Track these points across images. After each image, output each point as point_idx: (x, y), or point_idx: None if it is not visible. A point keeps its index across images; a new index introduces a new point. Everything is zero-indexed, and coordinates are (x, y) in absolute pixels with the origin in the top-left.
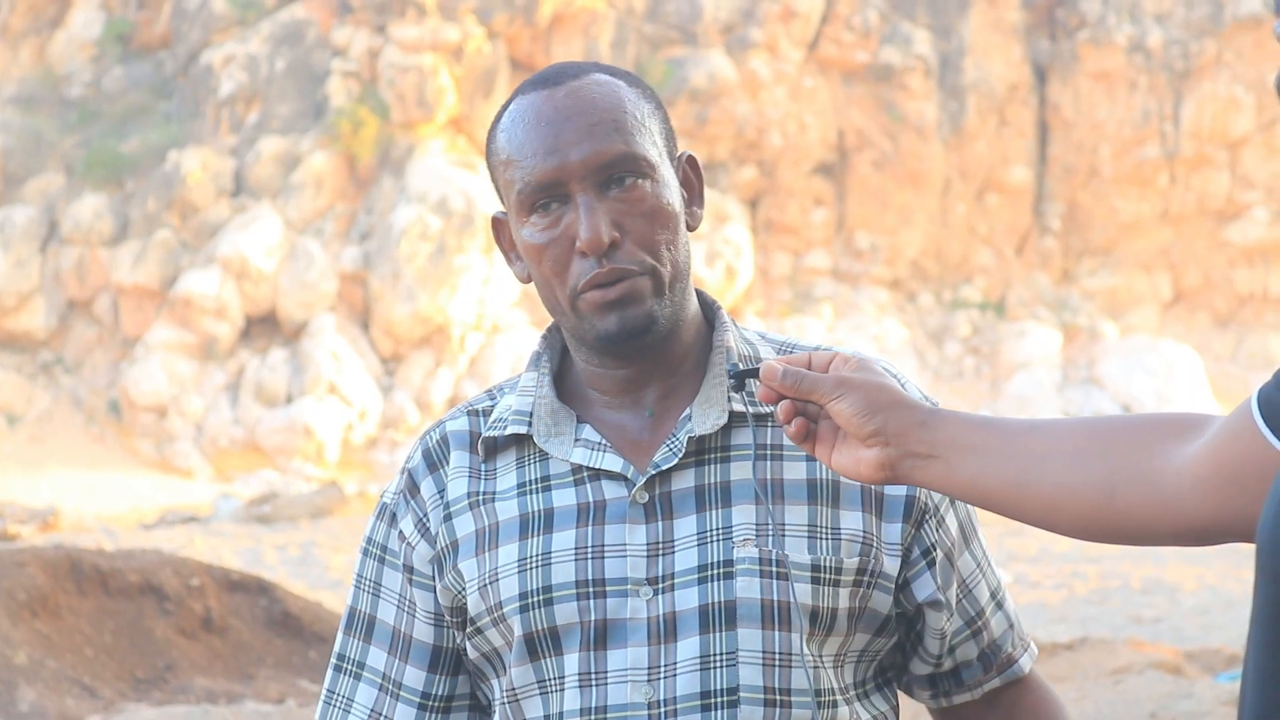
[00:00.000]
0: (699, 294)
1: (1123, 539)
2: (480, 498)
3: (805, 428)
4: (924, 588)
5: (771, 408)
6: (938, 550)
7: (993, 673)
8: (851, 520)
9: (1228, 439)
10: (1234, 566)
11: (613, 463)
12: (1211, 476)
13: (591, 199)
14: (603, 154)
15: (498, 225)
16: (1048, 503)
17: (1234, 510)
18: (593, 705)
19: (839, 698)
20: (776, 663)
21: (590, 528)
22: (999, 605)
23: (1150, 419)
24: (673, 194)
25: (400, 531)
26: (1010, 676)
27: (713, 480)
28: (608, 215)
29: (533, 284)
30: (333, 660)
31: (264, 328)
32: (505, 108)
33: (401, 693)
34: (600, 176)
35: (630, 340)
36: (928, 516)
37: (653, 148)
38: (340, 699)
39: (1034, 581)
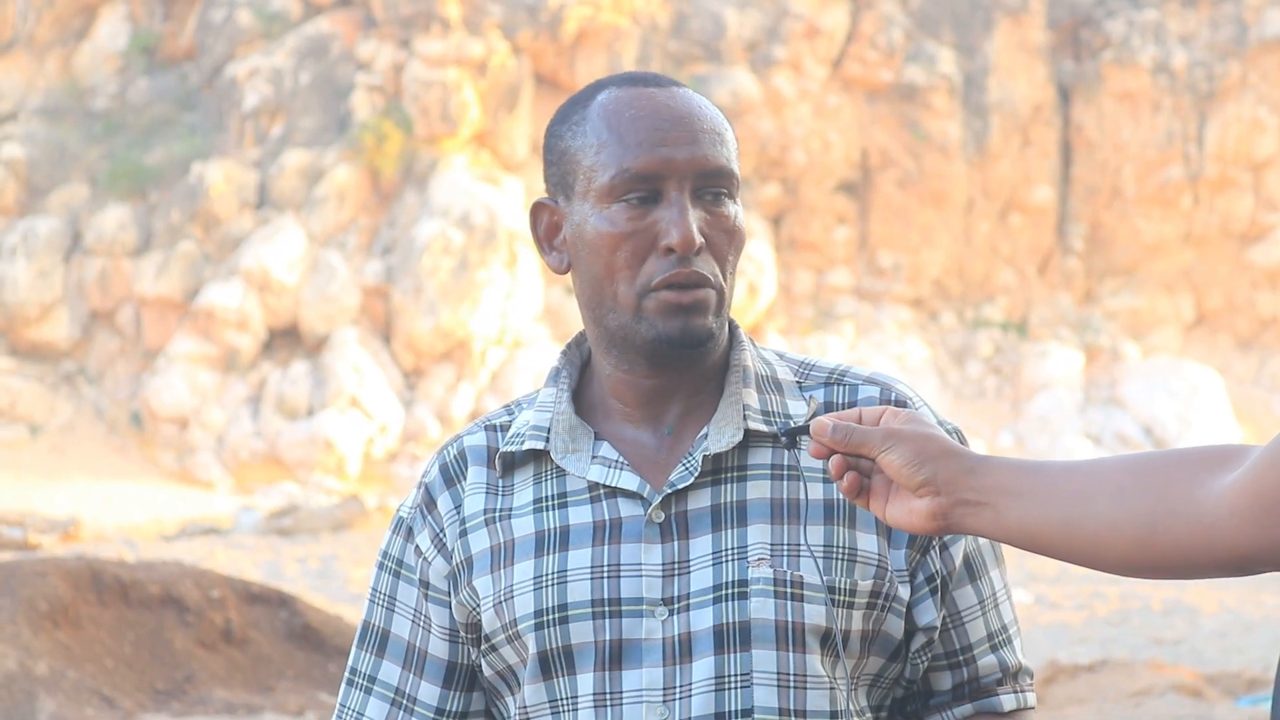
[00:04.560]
0: None
1: (1168, 573)
2: (496, 514)
3: (858, 482)
4: (925, 613)
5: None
6: (938, 578)
7: (965, 700)
8: (867, 543)
9: (1266, 466)
10: (1254, 590)
11: (629, 481)
12: (1250, 505)
13: (686, 201)
14: (709, 161)
15: (538, 211)
16: (1094, 541)
17: (1274, 539)
18: None
19: None
20: (791, 684)
21: (606, 546)
22: (995, 649)
23: (1189, 452)
24: (744, 220)
25: (416, 546)
26: (985, 707)
27: (728, 499)
28: (696, 221)
29: (568, 281)
30: (346, 674)
31: (286, 340)
32: (591, 96)
33: (416, 708)
34: (699, 183)
35: (685, 349)
36: (933, 543)
37: (738, 172)
38: (351, 713)
39: (1054, 603)
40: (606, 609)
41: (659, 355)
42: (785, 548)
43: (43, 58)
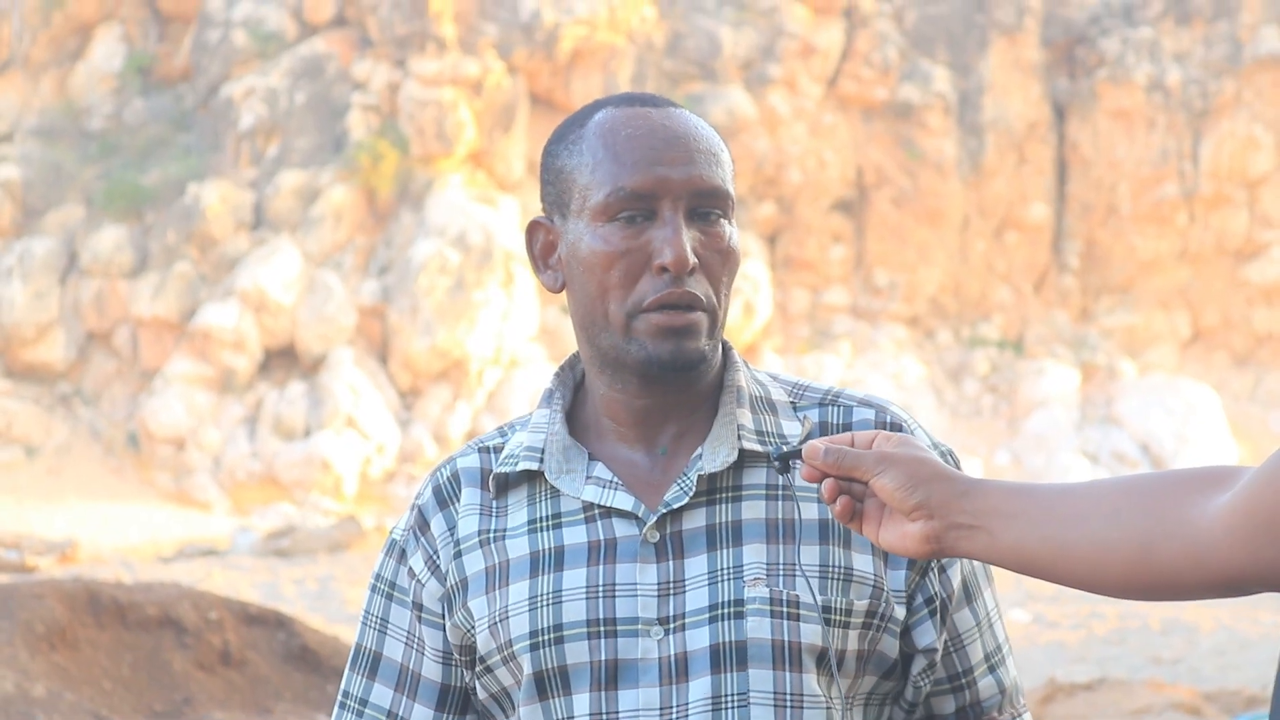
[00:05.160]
0: None
1: (1162, 594)
2: (490, 535)
3: (850, 506)
4: (924, 635)
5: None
6: (938, 601)
7: None
8: (862, 563)
9: (1259, 488)
10: (1251, 608)
11: (624, 501)
12: (1243, 525)
13: (680, 221)
14: (704, 181)
15: (534, 230)
16: (1088, 564)
17: (1267, 559)
18: None
19: None
20: (788, 703)
21: (601, 566)
22: (992, 669)
23: (1183, 473)
24: (739, 241)
25: (410, 568)
26: None
27: (724, 519)
28: (690, 241)
29: (564, 301)
30: (339, 696)
31: (282, 361)
32: (588, 116)
33: None
34: (693, 203)
35: (677, 371)
36: (931, 565)
37: (734, 193)
38: None
39: (1052, 621)
40: (602, 629)
41: (650, 376)
42: (781, 567)
43: (38, 78)
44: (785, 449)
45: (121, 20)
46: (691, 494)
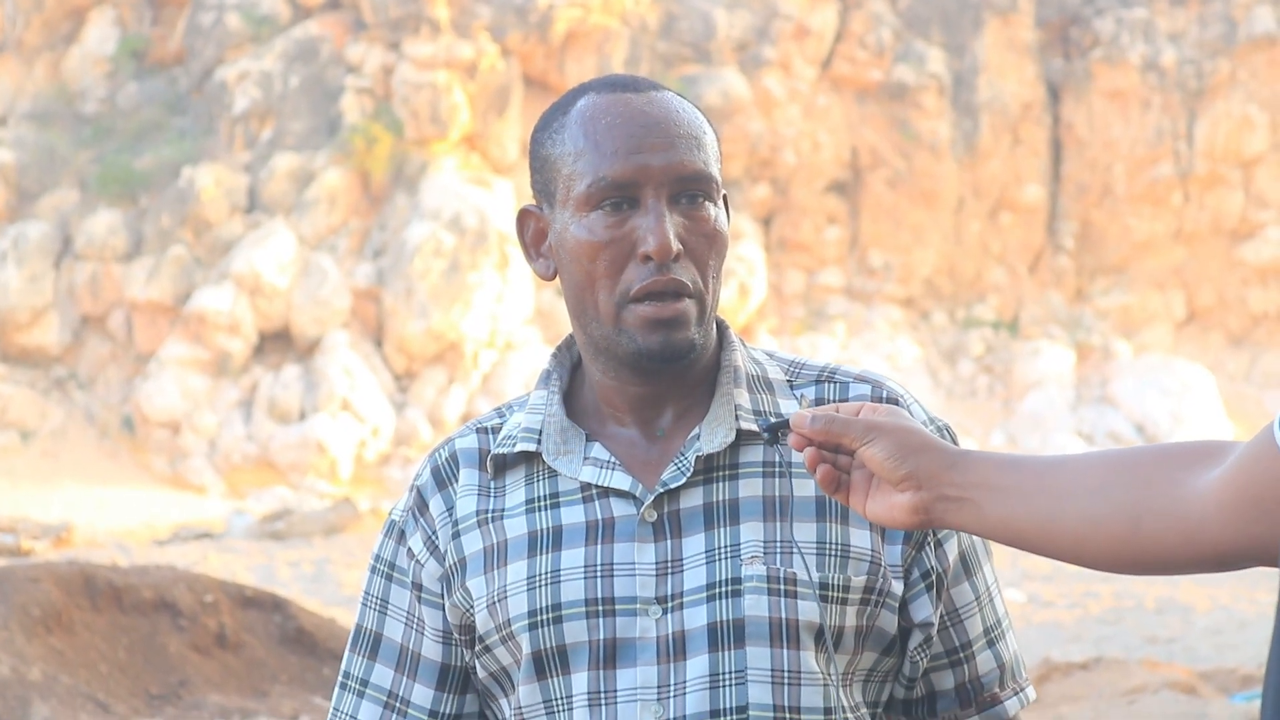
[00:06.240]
0: None
1: (1150, 569)
2: (489, 515)
3: (833, 475)
4: (921, 609)
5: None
6: (934, 575)
7: (971, 709)
8: (860, 539)
9: (1249, 463)
10: (1248, 587)
11: (621, 481)
12: (1233, 501)
13: (663, 208)
14: (685, 166)
15: (524, 218)
16: (1077, 538)
17: (1256, 535)
18: None
19: (849, 716)
20: (786, 680)
21: (599, 546)
22: (991, 643)
23: (1173, 448)
24: (726, 223)
25: (409, 549)
26: (991, 716)
27: (721, 498)
28: (675, 227)
29: (558, 283)
30: (339, 677)
31: (277, 344)
32: (571, 102)
33: (409, 710)
34: (676, 188)
35: (668, 362)
36: (927, 540)
37: (718, 174)
38: (344, 716)
39: (1048, 601)
40: (600, 608)
41: (641, 367)
42: (778, 545)
43: (31, 62)
44: (773, 420)
45: (115, 4)
46: (689, 474)
